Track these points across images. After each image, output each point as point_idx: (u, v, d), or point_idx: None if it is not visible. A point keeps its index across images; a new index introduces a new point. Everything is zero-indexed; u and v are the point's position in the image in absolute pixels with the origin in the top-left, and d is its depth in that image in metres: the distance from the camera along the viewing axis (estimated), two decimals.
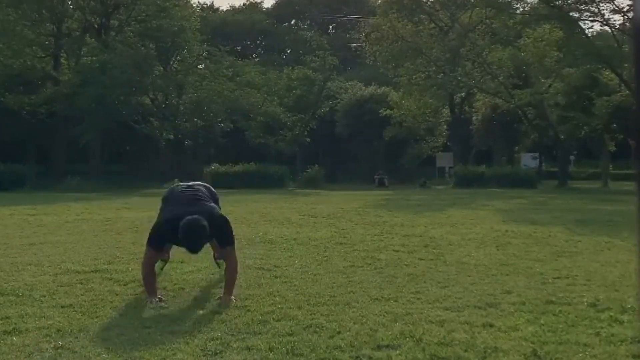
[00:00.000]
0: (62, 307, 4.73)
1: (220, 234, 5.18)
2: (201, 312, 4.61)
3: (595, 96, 29.50)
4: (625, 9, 28.11)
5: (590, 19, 30.40)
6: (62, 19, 32.89)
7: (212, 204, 5.36)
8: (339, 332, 4.02)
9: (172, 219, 5.01)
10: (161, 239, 5.24)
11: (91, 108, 29.62)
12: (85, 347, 3.78)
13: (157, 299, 4.95)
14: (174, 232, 4.94)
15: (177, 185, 5.84)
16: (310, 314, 4.49)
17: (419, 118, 35.84)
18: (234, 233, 5.30)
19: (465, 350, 3.67)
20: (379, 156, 39.24)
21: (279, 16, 64.33)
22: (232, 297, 4.97)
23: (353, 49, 46.71)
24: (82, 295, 5.16)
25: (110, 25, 33.69)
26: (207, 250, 7.31)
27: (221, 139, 38.22)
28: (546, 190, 26.64)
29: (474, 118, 39.24)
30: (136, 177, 33.62)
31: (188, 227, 4.84)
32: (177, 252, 7.47)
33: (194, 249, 5.04)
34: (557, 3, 29.09)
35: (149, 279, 5.13)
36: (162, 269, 5.79)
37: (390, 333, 3.99)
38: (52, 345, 3.78)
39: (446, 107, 37.36)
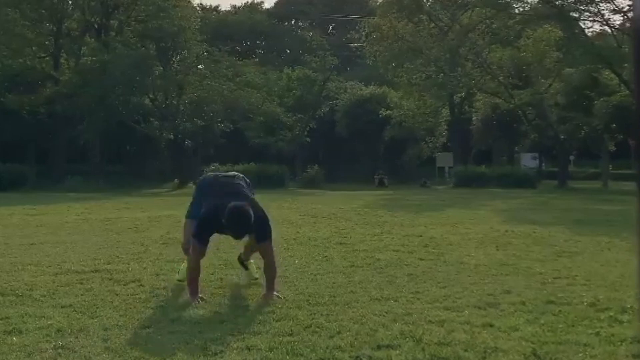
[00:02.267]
0: (62, 307, 4.73)
1: (260, 228, 5.22)
2: (201, 312, 4.60)
3: (595, 96, 29.47)
4: (625, 9, 28.11)
5: (590, 19, 30.39)
6: (61, 19, 32.87)
7: (253, 197, 5.50)
8: (339, 332, 4.02)
9: (216, 208, 5.11)
10: (207, 230, 5.26)
11: (91, 108, 29.61)
12: (85, 347, 3.77)
13: (198, 299, 4.98)
14: (217, 219, 5.03)
15: (216, 175, 6.08)
16: (310, 314, 4.48)
17: (419, 118, 35.80)
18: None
19: (465, 350, 3.67)
20: (378, 156, 39.23)
21: (279, 16, 64.29)
22: (275, 292, 5.07)
23: (353, 49, 46.71)
24: (82, 295, 5.16)
25: (110, 25, 33.67)
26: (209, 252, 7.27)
27: (221, 139, 38.21)
28: (546, 190, 26.64)
29: (473, 118, 39.20)
30: (136, 177, 33.58)
31: (234, 212, 4.95)
32: (176, 252, 7.48)
33: (238, 234, 5.17)
34: (557, 3, 29.06)
35: (194, 279, 5.12)
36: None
37: (390, 333, 3.99)
38: (52, 345, 3.78)
39: (446, 107, 37.33)
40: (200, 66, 35.09)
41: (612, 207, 15.53)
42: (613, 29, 30.54)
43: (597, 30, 34.22)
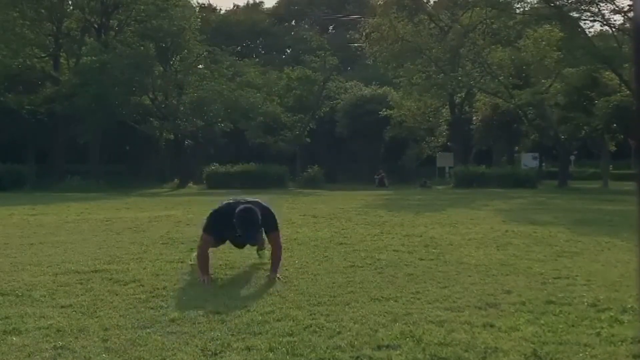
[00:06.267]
0: (61, 307, 4.72)
1: (267, 222, 5.85)
2: (201, 312, 4.60)
3: (595, 96, 29.49)
4: (625, 9, 28.11)
5: (590, 19, 30.39)
6: (61, 18, 32.92)
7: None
8: (339, 332, 4.02)
9: (226, 206, 5.85)
10: (215, 225, 5.84)
11: (91, 108, 29.63)
12: (85, 347, 3.77)
13: (207, 278, 5.58)
14: (227, 219, 5.61)
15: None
16: (310, 314, 4.48)
17: (419, 118, 35.84)
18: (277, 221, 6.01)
19: (466, 351, 3.66)
20: (379, 156, 39.26)
21: (280, 16, 64.34)
22: (278, 275, 5.69)
23: (353, 49, 46.67)
24: (81, 295, 5.15)
25: (110, 25, 33.70)
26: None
27: (221, 139, 38.21)
28: (546, 190, 26.64)
29: (474, 118, 39.23)
30: (136, 177, 33.61)
31: (243, 213, 5.56)
32: (176, 252, 7.48)
33: (248, 235, 5.71)
34: (558, 3, 29.07)
35: (202, 260, 5.76)
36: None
37: (390, 333, 3.99)
38: (51, 345, 3.77)
39: (446, 107, 37.36)
40: (200, 66, 35.11)
41: (613, 207, 15.53)
42: (613, 29, 30.54)
43: (597, 30, 34.27)
